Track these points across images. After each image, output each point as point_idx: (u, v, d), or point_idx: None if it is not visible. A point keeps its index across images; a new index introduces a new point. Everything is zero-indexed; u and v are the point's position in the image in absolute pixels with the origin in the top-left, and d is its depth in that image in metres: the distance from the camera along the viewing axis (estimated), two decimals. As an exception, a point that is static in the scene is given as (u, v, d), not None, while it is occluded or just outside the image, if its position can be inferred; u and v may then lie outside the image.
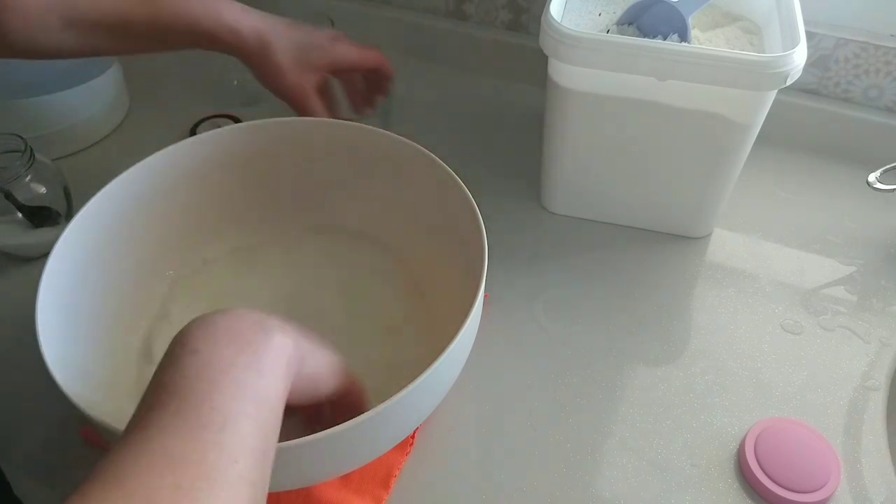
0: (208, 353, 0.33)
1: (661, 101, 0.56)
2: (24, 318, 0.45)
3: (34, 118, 0.71)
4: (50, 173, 0.63)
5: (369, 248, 0.62)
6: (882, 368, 0.56)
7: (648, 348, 0.58)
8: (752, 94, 0.54)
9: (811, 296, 0.62)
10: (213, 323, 0.34)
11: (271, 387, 0.33)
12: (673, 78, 0.54)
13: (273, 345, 0.35)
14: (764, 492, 0.48)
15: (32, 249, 0.64)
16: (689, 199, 0.63)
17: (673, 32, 0.59)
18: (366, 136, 0.57)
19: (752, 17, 0.64)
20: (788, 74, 0.51)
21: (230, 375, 0.32)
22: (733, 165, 0.60)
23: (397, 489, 0.50)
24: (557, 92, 0.59)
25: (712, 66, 0.52)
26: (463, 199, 0.52)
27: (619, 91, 0.57)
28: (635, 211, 0.66)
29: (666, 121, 0.58)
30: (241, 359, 0.33)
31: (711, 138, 0.58)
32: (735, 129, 0.57)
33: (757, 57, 0.51)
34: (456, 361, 0.46)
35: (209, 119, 0.76)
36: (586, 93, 0.58)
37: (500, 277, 0.62)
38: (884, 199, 0.65)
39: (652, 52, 0.53)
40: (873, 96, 0.71)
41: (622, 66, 0.54)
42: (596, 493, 0.49)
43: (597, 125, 0.60)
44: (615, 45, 0.53)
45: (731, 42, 0.61)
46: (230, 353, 0.33)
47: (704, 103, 0.56)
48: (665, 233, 0.66)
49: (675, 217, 0.65)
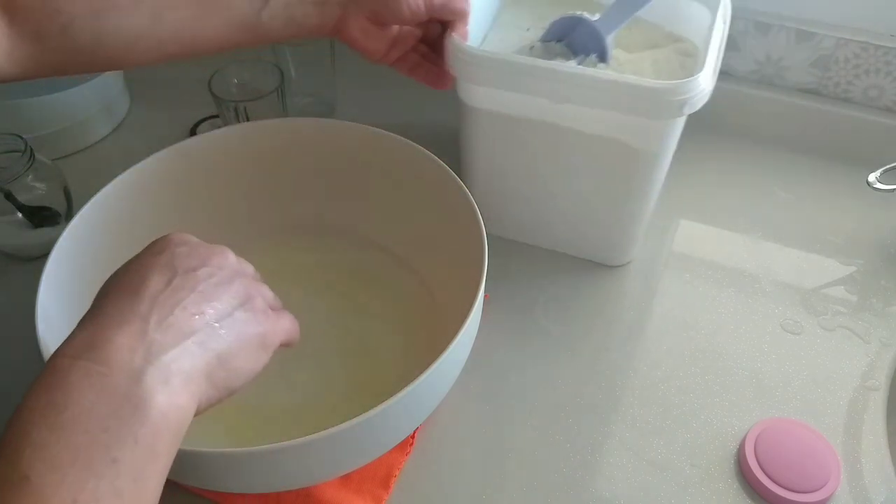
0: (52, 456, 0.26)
1: (563, 124, 0.54)
2: (24, 318, 0.45)
3: (34, 118, 0.71)
4: (50, 173, 0.63)
5: (369, 248, 0.62)
6: (882, 368, 0.56)
7: (648, 348, 0.58)
8: (652, 121, 0.52)
9: (811, 296, 0.62)
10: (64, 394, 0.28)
11: (148, 462, 0.29)
12: (568, 102, 0.52)
13: (151, 417, 0.29)
14: (764, 492, 0.48)
15: (32, 249, 0.64)
16: (600, 226, 0.61)
17: (594, 52, 0.57)
18: (366, 136, 0.58)
19: (693, 38, 0.60)
20: (685, 103, 0.48)
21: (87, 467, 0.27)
22: (642, 194, 0.58)
23: (397, 489, 0.50)
24: (465, 111, 0.57)
25: (606, 91, 0.49)
26: (463, 199, 0.52)
27: (521, 112, 0.55)
28: (554, 235, 0.63)
29: (568, 145, 0.55)
30: (96, 453, 0.27)
31: (616, 166, 0.55)
32: (639, 157, 0.54)
33: (650, 84, 0.48)
34: (456, 361, 0.46)
35: (209, 119, 0.76)
36: (491, 112, 0.56)
37: (501, 277, 0.62)
38: (884, 199, 0.65)
39: (547, 74, 0.50)
40: (873, 96, 0.71)
41: (519, 87, 0.52)
42: (596, 493, 0.49)
43: (504, 145, 0.58)
44: (512, 66, 0.51)
45: (657, 64, 0.58)
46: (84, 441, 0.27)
47: (605, 129, 0.53)
48: (584, 259, 0.64)
49: (591, 244, 0.63)
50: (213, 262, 0.35)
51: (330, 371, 0.54)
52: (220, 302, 0.34)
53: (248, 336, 0.35)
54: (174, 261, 0.34)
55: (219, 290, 0.34)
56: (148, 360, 0.30)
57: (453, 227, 0.53)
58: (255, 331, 0.35)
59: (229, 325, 0.34)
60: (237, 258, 0.38)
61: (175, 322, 0.32)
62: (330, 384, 0.53)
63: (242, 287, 0.36)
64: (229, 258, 0.37)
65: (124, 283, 0.33)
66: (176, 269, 0.34)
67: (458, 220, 0.52)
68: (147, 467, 0.28)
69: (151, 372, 0.30)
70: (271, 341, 0.37)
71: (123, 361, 0.29)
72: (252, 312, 0.36)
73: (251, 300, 0.36)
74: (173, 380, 0.30)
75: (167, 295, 0.32)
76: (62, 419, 0.27)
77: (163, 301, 0.32)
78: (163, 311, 0.32)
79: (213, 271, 0.35)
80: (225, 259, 0.36)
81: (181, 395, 0.31)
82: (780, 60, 0.72)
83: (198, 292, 0.33)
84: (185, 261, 0.34)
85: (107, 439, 0.27)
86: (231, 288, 0.35)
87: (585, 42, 0.57)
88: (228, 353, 0.33)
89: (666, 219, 0.68)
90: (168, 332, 0.31)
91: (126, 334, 0.30)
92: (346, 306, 0.59)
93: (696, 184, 0.71)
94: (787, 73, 0.73)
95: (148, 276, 0.33)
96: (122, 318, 0.31)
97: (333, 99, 0.79)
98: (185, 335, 0.32)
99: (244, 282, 0.36)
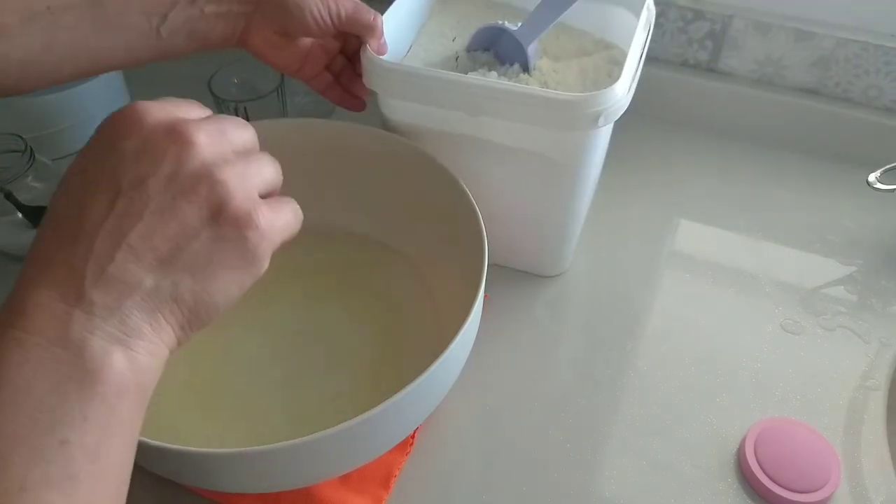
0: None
1: (482, 137, 0.53)
2: (24, 318, 0.45)
3: (34, 118, 0.71)
4: (50, 173, 0.63)
5: (369, 248, 0.62)
6: (882, 368, 0.56)
7: (648, 348, 0.58)
8: (569, 133, 0.51)
9: (811, 296, 0.62)
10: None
11: (104, 438, 0.25)
12: (483, 115, 0.51)
13: (100, 390, 0.25)
14: (764, 492, 0.48)
15: (32, 249, 0.64)
16: (528, 239, 0.60)
17: (517, 62, 0.56)
18: (366, 137, 0.57)
19: (622, 45, 0.58)
20: (600, 115, 0.47)
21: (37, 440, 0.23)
22: (567, 207, 0.57)
23: (397, 489, 0.50)
24: (389, 125, 0.57)
25: (520, 104, 0.48)
26: (463, 199, 0.52)
27: (441, 126, 0.54)
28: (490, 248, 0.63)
29: (489, 158, 0.55)
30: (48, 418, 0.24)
31: (538, 179, 0.55)
32: (560, 169, 0.53)
33: (563, 96, 0.47)
34: (456, 361, 0.46)
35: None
36: (413, 125, 0.55)
37: (502, 278, 0.62)
38: (884, 199, 0.65)
39: (460, 87, 0.49)
40: (873, 96, 0.71)
41: (435, 100, 0.51)
42: (596, 493, 0.49)
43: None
44: (425, 79, 0.50)
45: (584, 73, 0.57)
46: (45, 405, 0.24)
47: (524, 142, 0.52)
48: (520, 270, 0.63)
49: (521, 256, 0.62)
50: (170, 159, 0.27)
51: (329, 371, 0.54)
52: (179, 224, 0.27)
53: (223, 260, 0.28)
54: (118, 167, 0.27)
55: (177, 206, 0.27)
56: (88, 326, 0.25)
57: (453, 227, 0.53)
58: (235, 250, 0.28)
59: (192, 257, 0.27)
60: (213, 134, 0.28)
61: (117, 272, 0.25)
62: (329, 384, 0.53)
63: (212, 191, 0.27)
64: (198, 144, 0.27)
65: (60, 211, 0.27)
66: (120, 183, 0.26)
67: (458, 220, 0.52)
68: (104, 443, 0.25)
69: (96, 339, 0.25)
70: (262, 252, 0.29)
71: (59, 329, 0.24)
72: (228, 226, 0.28)
73: (224, 207, 0.27)
74: (125, 341, 0.26)
75: (108, 228, 0.26)
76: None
77: (103, 238, 0.26)
78: (101, 255, 0.25)
79: (171, 176, 0.27)
80: (186, 151, 0.27)
81: (138, 356, 0.26)
82: (780, 60, 0.72)
83: (148, 215, 0.26)
84: (133, 167, 0.26)
85: (51, 419, 0.24)
86: (195, 197, 0.27)
87: (509, 51, 0.56)
88: (197, 291, 0.27)
89: (666, 219, 0.68)
90: (110, 287, 0.25)
91: (59, 295, 0.25)
92: (345, 306, 0.59)
93: (696, 184, 0.71)
94: (787, 73, 0.73)
95: (85, 197, 0.26)
96: (54, 269, 0.25)
97: (333, 99, 0.79)
98: (131, 288, 0.26)
99: (214, 180, 0.27)
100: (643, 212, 0.69)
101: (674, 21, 0.73)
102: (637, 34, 0.53)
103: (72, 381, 0.24)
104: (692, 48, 0.75)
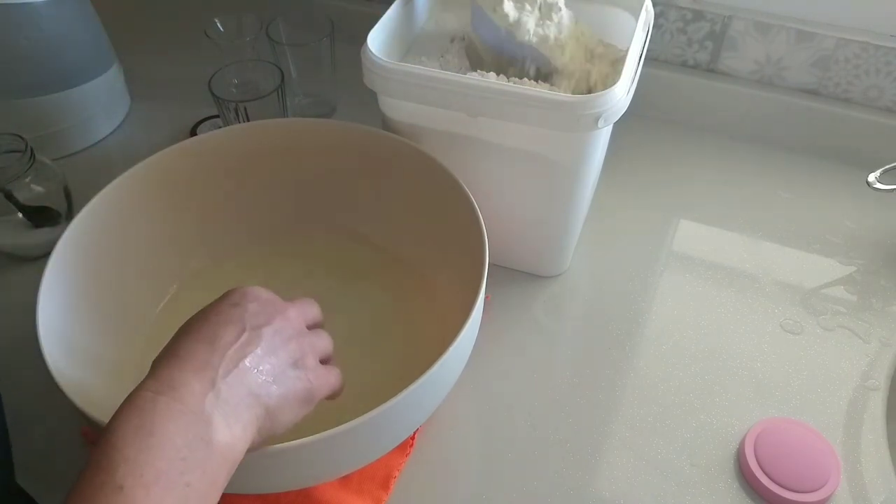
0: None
1: (482, 137, 0.53)
2: (24, 318, 0.45)
3: (34, 118, 0.71)
4: (50, 173, 0.63)
5: (369, 248, 0.62)
6: (882, 368, 0.56)
7: (648, 348, 0.58)
8: (570, 135, 0.50)
9: (811, 296, 0.62)
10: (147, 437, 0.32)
11: (210, 490, 0.33)
12: (483, 115, 0.51)
13: (215, 454, 0.34)
14: (764, 492, 0.48)
15: (32, 249, 0.64)
16: (528, 239, 0.60)
17: (529, 59, 0.55)
18: (366, 137, 0.58)
19: (622, 46, 0.58)
20: (600, 116, 0.47)
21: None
22: (566, 208, 0.57)
23: (397, 490, 0.50)
24: (389, 124, 0.57)
25: (518, 104, 0.48)
26: (463, 199, 0.52)
27: (441, 125, 0.54)
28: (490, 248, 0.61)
29: (489, 158, 0.54)
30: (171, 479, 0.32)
31: (537, 179, 0.55)
32: (559, 170, 0.53)
33: (563, 97, 0.47)
34: (456, 362, 0.46)
35: (209, 119, 0.76)
36: (412, 125, 0.55)
37: (501, 278, 0.62)
38: (884, 199, 0.65)
39: (459, 87, 0.49)
40: (873, 96, 0.71)
41: (434, 100, 0.51)
42: (596, 493, 0.49)
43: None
44: (425, 79, 0.50)
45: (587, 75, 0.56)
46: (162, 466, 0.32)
47: (523, 142, 0.52)
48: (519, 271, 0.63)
49: (521, 256, 0.62)
50: (277, 321, 0.40)
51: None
52: (278, 359, 0.38)
53: (295, 392, 0.39)
54: (245, 316, 0.39)
55: (278, 349, 0.39)
56: (216, 405, 0.34)
57: (453, 227, 0.53)
58: (303, 387, 0.39)
59: (281, 382, 0.38)
60: (298, 312, 0.42)
61: (239, 375, 0.36)
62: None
63: (298, 347, 0.40)
64: (291, 317, 0.41)
65: (202, 331, 0.38)
66: (245, 326, 0.38)
67: (458, 220, 0.52)
68: (209, 494, 0.33)
69: (217, 416, 0.34)
70: (316, 396, 0.40)
71: (197, 403, 0.34)
72: (303, 370, 0.40)
73: (303, 358, 0.40)
74: (234, 425, 0.35)
75: (236, 349, 0.37)
76: (149, 443, 0.32)
77: (231, 355, 0.37)
78: (230, 363, 0.36)
79: (276, 330, 0.39)
80: (287, 320, 0.40)
81: (238, 439, 0.35)
82: (780, 60, 0.72)
83: (261, 349, 0.38)
84: (254, 318, 0.39)
85: (183, 466, 0.32)
86: (288, 346, 0.39)
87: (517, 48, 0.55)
88: (277, 406, 0.37)
89: (666, 219, 0.68)
90: (233, 383, 0.36)
91: (200, 380, 0.35)
92: (346, 306, 0.59)
93: (696, 184, 0.71)
94: (787, 73, 0.73)
95: (221, 329, 0.38)
96: (198, 364, 0.36)
97: (333, 99, 0.79)
98: (245, 387, 0.36)
99: (300, 341, 0.40)
100: (643, 212, 0.69)
101: (674, 22, 0.73)
102: (636, 35, 0.53)
103: (201, 441, 0.33)
104: (692, 49, 0.75)
